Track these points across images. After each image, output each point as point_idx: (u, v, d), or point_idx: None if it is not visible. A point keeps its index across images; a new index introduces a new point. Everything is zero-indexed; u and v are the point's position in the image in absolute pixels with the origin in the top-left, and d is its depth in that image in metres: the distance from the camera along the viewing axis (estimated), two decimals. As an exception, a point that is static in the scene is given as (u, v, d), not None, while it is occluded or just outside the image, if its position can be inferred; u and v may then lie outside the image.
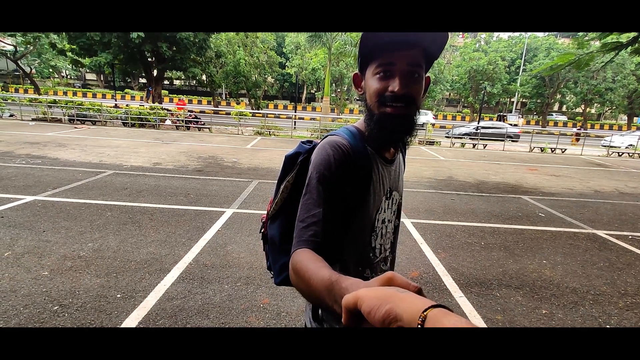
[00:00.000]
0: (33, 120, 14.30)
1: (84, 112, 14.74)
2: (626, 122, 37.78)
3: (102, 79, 44.49)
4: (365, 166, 0.90)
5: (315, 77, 34.70)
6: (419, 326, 0.38)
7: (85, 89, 39.30)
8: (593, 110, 39.32)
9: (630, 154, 16.37)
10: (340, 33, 18.33)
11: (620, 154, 16.57)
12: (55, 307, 2.51)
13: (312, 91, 43.67)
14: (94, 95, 34.94)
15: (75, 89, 37.47)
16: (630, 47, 4.70)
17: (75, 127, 13.24)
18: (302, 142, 0.99)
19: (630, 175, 10.63)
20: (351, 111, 36.89)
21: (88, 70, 40.43)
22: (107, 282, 2.89)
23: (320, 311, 1.00)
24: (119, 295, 2.72)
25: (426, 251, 3.98)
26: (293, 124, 16.91)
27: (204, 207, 4.95)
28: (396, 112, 0.83)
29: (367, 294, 0.44)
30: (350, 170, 0.87)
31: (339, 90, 34.14)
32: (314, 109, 37.46)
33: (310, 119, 26.91)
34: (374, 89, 0.85)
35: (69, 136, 10.90)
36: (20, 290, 2.68)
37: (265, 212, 1.10)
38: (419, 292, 0.44)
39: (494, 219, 5.35)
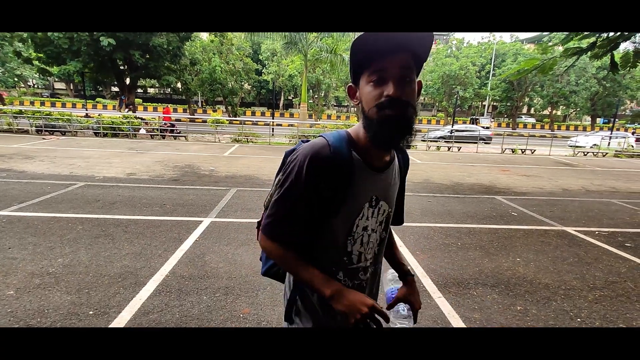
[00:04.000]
0: (-3, 131, 13.65)
1: (53, 123, 14.19)
2: (590, 123, 39.70)
3: (71, 87, 42.99)
4: (345, 170, 0.93)
5: (292, 83, 34.79)
6: None
7: (54, 99, 37.87)
8: (559, 112, 41.12)
9: (595, 153, 17.20)
10: (315, 40, 18.47)
11: (585, 153, 17.38)
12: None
13: (290, 97, 43.74)
14: (64, 105, 33.71)
15: (43, 99, 36.07)
16: (590, 52, 4.96)
17: (44, 138, 12.72)
18: (302, 141, 1.03)
19: (595, 173, 11.16)
20: (329, 117, 37.13)
21: (57, 79, 39.02)
22: (78, 299, 2.78)
23: (293, 313, 1.06)
24: (91, 312, 2.62)
25: (405, 253, 4.03)
26: (271, 130, 16.85)
27: (180, 217, 4.84)
28: (394, 113, 0.85)
29: None
30: (326, 174, 0.92)
31: (316, 96, 34.32)
32: (291, 115, 37.49)
33: (288, 125, 26.88)
34: (370, 96, 0.88)
35: (37, 147, 10.47)
36: (-17, 312, 2.53)
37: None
38: None
39: (470, 219, 5.48)
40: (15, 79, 33.94)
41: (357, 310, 0.90)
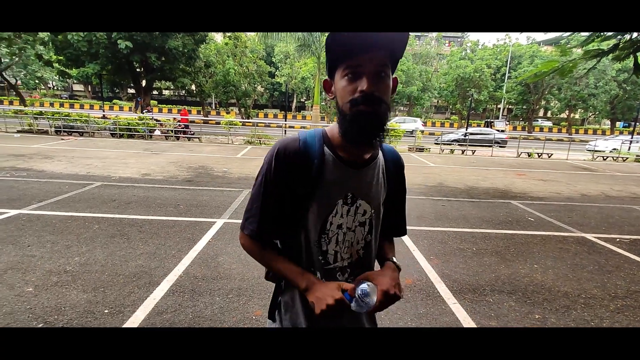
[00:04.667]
0: (18, 132, 14.04)
1: (71, 124, 14.53)
2: (609, 126, 38.71)
3: (89, 89, 44.01)
4: (313, 164, 0.94)
5: (304, 85, 34.90)
6: None
7: (73, 100, 38.79)
8: (577, 116, 40.24)
9: (614, 158, 16.74)
10: (329, 42, 18.48)
11: (604, 157, 16.92)
12: (40, 325, 2.43)
13: (302, 100, 43.87)
14: (82, 106, 34.52)
15: (62, 100, 36.98)
16: (611, 54, 4.82)
17: (62, 139, 13.04)
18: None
19: (615, 178, 10.85)
20: (341, 119, 37.03)
21: (75, 81, 39.99)
22: (94, 297, 2.81)
23: (276, 312, 1.09)
24: (106, 311, 2.65)
25: (419, 258, 3.97)
26: (284, 132, 16.92)
27: (194, 218, 4.88)
28: (368, 109, 0.85)
29: None
30: (292, 167, 0.93)
31: (328, 98, 34.34)
32: (304, 117, 37.59)
33: (301, 128, 26.99)
34: (344, 90, 0.88)
35: (56, 148, 10.72)
36: (2, 308, 2.58)
37: None
38: None
39: (485, 224, 5.38)
40: (36, 81, 34.96)
41: (324, 301, 0.89)
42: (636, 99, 31.55)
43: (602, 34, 4.28)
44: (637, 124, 21.36)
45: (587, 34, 5.13)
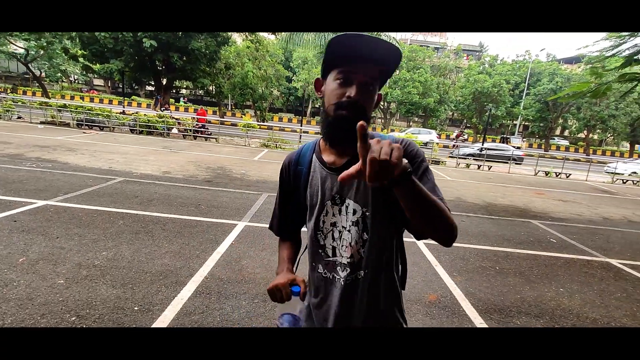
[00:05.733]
0: (41, 123, 14.36)
1: (93, 118, 14.81)
2: (628, 149, 37.93)
3: (109, 84, 44.88)
4: (302, 170, 1.09)
5: (321, 92, 34.93)
6: None
7: (93, 95, 39.57)
8: (595, 136, 39.54)
9: (635, 182, 16.38)
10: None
11: (624, 181, 16.59)
12: (73, 318, 2.46)
13: (317, 105, 44.05)
14: (101, 101, 35.19)
15: (83, 94, 37.75)
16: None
17: (84, 132, 13.30)
18: None
19: (637, 203, 10.61)
20: (355, 127, 37.03)
21: (96, 76, 40.81)
22: (123, 294, 2.84)
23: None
24: (136, 308, 2.67)
25: (442, 274, 3.93)
26: (299, 137, 16.98)
27: (215, 219, 4.91)
28: (349, 115, 0.90)
29: None
30: (292, 175, 1.11)
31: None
32: (318, 123, 37.69)
33: (315, 133, 27.05)
34: (333, 93, 0.94)
35: (78, 141, 10.94)
36: (36, 299, 2.63)
37: None
38: None
39: (506, 243, 5.30)
40: (59, 74, 35.77)
41: (272, 288, 1.04)
42: (658, 123, 30.87)
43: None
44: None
45: (614, 53, 5.05)
